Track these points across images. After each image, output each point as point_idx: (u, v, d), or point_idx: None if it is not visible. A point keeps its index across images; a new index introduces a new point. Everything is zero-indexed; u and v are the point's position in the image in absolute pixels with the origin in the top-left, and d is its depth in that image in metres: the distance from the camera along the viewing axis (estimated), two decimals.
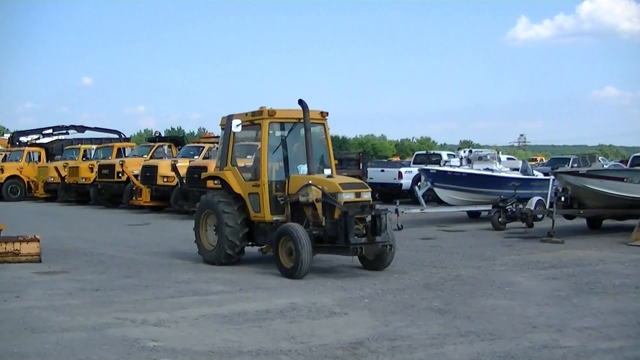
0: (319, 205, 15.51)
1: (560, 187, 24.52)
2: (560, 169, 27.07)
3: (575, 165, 35.52)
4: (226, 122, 17.32)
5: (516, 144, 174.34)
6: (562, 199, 24.29)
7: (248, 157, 20.32)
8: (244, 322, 11.17)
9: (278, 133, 17.21)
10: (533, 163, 52.80)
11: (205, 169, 29.76)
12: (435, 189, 28.63)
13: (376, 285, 14.18)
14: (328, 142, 17.68)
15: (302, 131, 16.43)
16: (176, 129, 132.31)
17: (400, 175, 39.09)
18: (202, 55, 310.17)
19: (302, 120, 16.37)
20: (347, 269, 16.07)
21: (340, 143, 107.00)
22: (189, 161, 32.21)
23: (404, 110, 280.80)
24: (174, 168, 30.23)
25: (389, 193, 38.47)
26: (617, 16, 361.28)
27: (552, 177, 26.79)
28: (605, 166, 37.52)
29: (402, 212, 25.10)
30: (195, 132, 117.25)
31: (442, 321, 11.21)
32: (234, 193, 16.94)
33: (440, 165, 33.27)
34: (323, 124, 17.53)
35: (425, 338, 10.20)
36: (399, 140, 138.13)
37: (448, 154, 41.80)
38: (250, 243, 17.20)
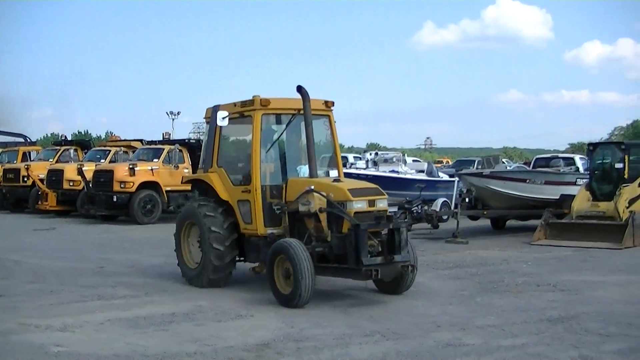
0: (323, 217, 12.92)
1: (465, 189, 24.98)
2: (464, 171, 27.59)
3: (480, 167, 36.23)
4: (211, 115, 14.77)
5: (423, 147, 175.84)
6: (467, 200, 24.79)
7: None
8: (149, 326, 11.11)
9: (273, 127, 14.74)
10: (439, 165, 53.65)
11: (111, 172, 29.58)
12: None
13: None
14: (334, 137, 15.02)
15: (303, 125, 14.00)
16: (83, 132, 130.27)
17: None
18: (111, 58, 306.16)
19: (302, 112, 13.87)
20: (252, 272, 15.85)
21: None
22: (95, 165, 31.98)
23: None
24: (80, 172, 29.97)
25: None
26: (520, 22, 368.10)
27: (456, 178, 27.26)
28: (508, 168, 38.26)
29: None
30: (103, 136, 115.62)
31: (347, 322, 11.30)
32: (220, 200, 14.45)
33: (346, 168, 33.49)
34: (328, 116, 14.87)
35: (331, 338, 10.27)
36: None
37: (354, 157, 42.17)
38: (241, 258, 14.72)
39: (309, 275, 12.15)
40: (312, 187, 13.06)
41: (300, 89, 13.63)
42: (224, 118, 13.98)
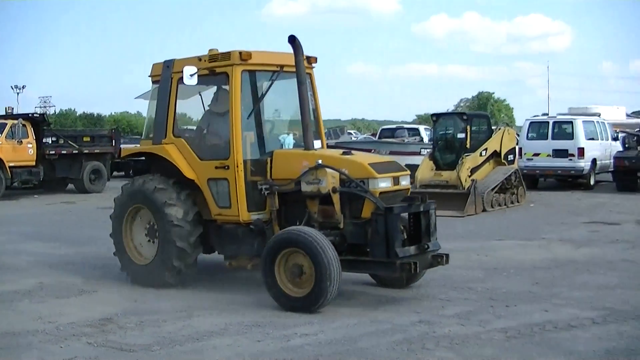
0: (336, 198, 10.63)
1: None
2: None
3: (326, 138, 36.54)
4: (162, 72, 12.28)
5: None
6: None
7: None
8: None
9: (248, 88, 11.89)
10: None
11: None
12: None
13: None
14: (316, 100, 12.51)
15: (286, 85, 11.99)
16: None
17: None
18: None
19: (285, 69, 11.74)
20: (96, 248, 15.57)
21: (95, 120, 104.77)
22: None
23: None
24: None
25: (142, 169, 37.99)
26: None
27: None
28: (354, 139, 38.77)
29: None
30: None
31: (189, 295, 11.31)
32: (181, 181, 11.87)
33: None
34: (309, 74, 12.27)
35: (174, 311, 10.31)
36: None
37: None
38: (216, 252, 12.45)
39: (337, 275, 9.96)
40: (320, 161, 10.68)
41: (293, 39, 11.12)
42: (192, 75, 11.24)
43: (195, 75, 11.23)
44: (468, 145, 24.49)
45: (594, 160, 29.93)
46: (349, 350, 8.42)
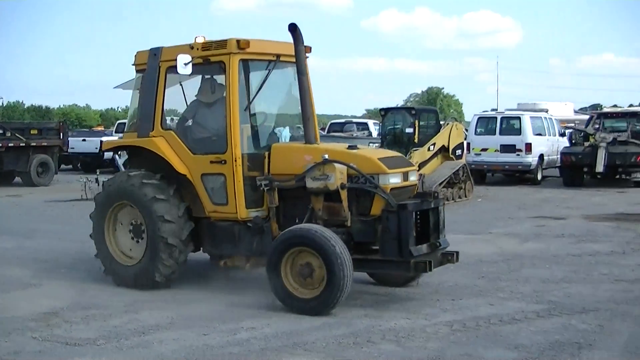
0: (344, 195, 10.12)
1: None
2: None
3: None
4: (148, 61, 11.59)
5: None
6: None
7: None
8: None
9: (243, 78, 11.25)
10: None
11: None
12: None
13: (74, 255, 13.96)
14: (310, 92, 11.25)
15: (282, 75, 11.60)
16: None
17: (101, 144, 38.58)
18: None
19: (281, 58, 11.25)
20: (42, 242, 15.51)
21: (43, 113, 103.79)
22: None
23: (109, 79, 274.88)
24: None
25: (90, 163, 37.80)
26: None
27: None
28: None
29: (104, 181, 24.88)
30: None
31: (135, 289, 11.17)
32: (170, 176, 11.20)
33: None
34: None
35: (121, 305, 10.26)
36: (104, 110, 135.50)
37: None
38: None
39: (350, 275, 9.57)
40: (327, 155, 10.16)
41: (294, 28, 10.53)
42: (186, 64, 10.61)
43: (190, 64, 10.64)
44: (416, 140, 24.69)
45: (541, 156, 30.33)
46: (295, 343, 8.44)
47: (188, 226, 11.01)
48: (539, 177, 30.67)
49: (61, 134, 32.73)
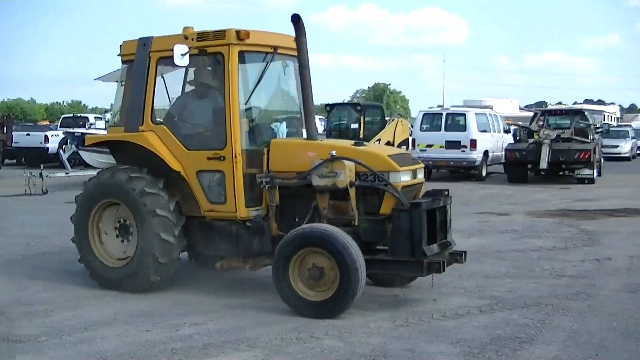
0: (352, 193, 9.71)
1: None
2: None
3: None
4: (137, 51, 10.96)
5: None
6: None
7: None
8: None
9: (240, 71, 10.45)
10: None
11: None
12: (80, 152, 28.20)
13: (17, 250, 13.87)
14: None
15: (282, 67, 11.19)
16: None
17: (46, 138, 38.25)
18: None
19: (279, 50, 10.79)
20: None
21: None
22: None
23: (55, 73, 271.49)
24: None
25: (35, 157, 37.46)
26: None
27: None
28: None
29: (47, 176, 24.80)
30: None
31: (77, 285, 11.10)
32: (157, 171, 10.60)
33: (85, 128, 33.13)
34: None
35: (63, 300, 10.20)
36: (49, 104, 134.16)
37: (95, 117, 41.62)
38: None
39: (363, 277, 9.20)
40: (335, 152, 9.74)
41: (297, 19, 9.97)
42: (183, 55, 9.98)
43: (187, 55, 9.99)
44: (361, 136, 24.78)
45: (485, 152, 30.66)
46: (238, 339, 8.42)
47: (180, 221, 10.48)
48: (484, 173, 30.98)
49: (5, 128, 32.43)
